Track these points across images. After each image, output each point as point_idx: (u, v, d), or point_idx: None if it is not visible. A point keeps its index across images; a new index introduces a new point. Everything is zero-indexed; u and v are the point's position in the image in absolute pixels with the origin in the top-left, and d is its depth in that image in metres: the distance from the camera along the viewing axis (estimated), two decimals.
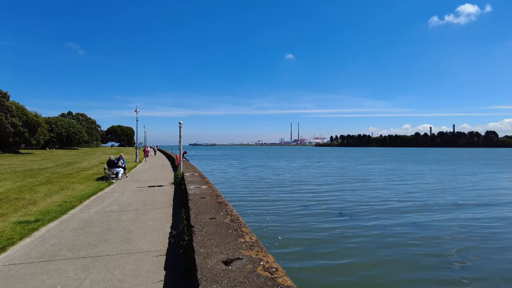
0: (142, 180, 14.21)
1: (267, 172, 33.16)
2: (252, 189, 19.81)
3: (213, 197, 6.20)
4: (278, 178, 26.58)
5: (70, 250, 4.82)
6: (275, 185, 21.91)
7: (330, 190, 19.59)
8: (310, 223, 11.66)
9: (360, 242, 9.66)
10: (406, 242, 9.71)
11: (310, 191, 19.14)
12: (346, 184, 22.84)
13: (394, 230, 10.83)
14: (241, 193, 18.34)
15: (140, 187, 11.91)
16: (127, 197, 9.75)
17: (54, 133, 67.20)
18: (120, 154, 16.01)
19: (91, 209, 7.93)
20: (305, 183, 23.31)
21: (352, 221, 12.02)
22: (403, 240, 9.87)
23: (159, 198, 9.51)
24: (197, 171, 12.60)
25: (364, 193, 18.46)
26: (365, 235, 10.34)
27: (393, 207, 14.48)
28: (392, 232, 10.62)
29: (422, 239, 9.93)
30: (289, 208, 13.92)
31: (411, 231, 10.77)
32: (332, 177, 27.86)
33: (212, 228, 3.87)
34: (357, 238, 10.10)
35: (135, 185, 12.66)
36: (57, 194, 10.18)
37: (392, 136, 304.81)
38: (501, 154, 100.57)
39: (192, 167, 14.85)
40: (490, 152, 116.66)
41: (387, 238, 10.08)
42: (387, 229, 10.95)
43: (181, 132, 12.51)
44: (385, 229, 10.95)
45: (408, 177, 28.01)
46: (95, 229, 6.05)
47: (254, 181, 24.32)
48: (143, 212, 7.50)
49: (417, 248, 9.22)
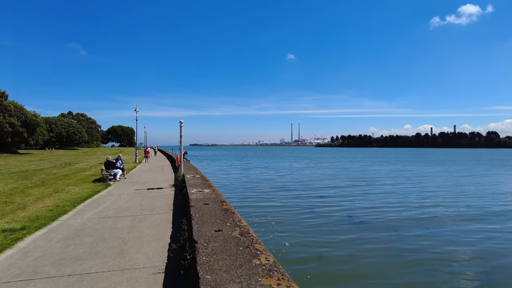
0: (141, 182, 13.61)
1: (270, 173, 32.44)
2: (256, 192, 19.14)
3: (217, 203, 5.59)
4: (282, 180, 25.85)
5: (55, 265, 4.21)
6: (279, 187, 21.21)
7: (336, 193, 18.91)
8: (318, 227, 11.04)
9: (373, 249, 9.04)
10: (421, 249, 9.09)
11: (316, 194, 18.50)
12: (353, 186, 22.08)
13: (408, 237, 10.20)
14: (244, 196, 17.67)
15: (139, 190, 11.30)
16: (124, 200, 9.14)
17: (53, 133, 66.69)
18: (119, 155, 15.41)
19: (84, 215, 7.32)
20: (310, 185, 22.61)
21: (362, 226, 11.39)
22: (418, 247, 9.25)
23: (158, 202, 8.90)
24: (199, 172, 12.00)
25: (373, 196, 17.78)
26: (377, 241, 9.72)
27: (405, 211, 13.82)
28: (406, 239, 9.99)
29: (437, 246, 9.31)
30: (295, 212, 13.30)
31: (425, 236, 10.16)
32: (338, 179, 27.09)
33: (219, 244, 3.26)
34: (369, 244, 9.49)
35: (134, 187, 12.05)
36: (50, 197, 9.58)
37: (393, 137, 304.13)
38: (504, 154, 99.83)
39: (194, 168, 14.24)
40: (493, 153, 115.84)
41: (401, 244, 9.46)
42: (401, 235, 10.31)
43: (181, 132, 11.90)
44: (399, 236, 10.31)
45: (416, 179, 27.28)
46: (87, 238, 5.44)
47: (257, 183, 23.64)
48: (141, 219, 6.88)
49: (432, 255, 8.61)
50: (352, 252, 8.83)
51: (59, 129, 68.14)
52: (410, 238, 10.02)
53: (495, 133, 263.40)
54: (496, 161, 59.98)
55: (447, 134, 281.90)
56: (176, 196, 9.88)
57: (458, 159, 67.95)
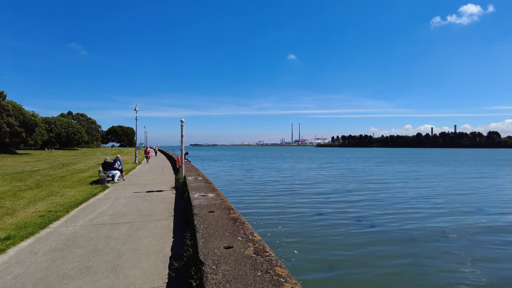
0: (140, 184, 13.02)
1: (274, 174, 31.58)
2: (260, 194, 18.36)
3: (224, 211, 5.00)
4: (286, 182, 24.96)
5: (37, 286, 3.62)
6: (284, 189, 20.45)
7: (344, 195, 18.15)
8: (326, 233, 10.44)
9: (387, 257, 8.44)
10: (439, 257, 8.49)
11: (322, 196, 17.78)
12: (361, 188, 21.26)
13: (424, 243, 9.60)
14: (248, 199, 16.91)
15: (137, 193, 10.71)
16: (122, 205, 8.55)
17: (53, 133, 66.11)
18: (117, 156, 14.83)
19: (77, 221, 6.73)
20: (316, 187, 21.78)
21: (374, 231, 10.79)
22: (436, 255, 8.64)
23: (158, 206, 8.30)
24: (201, 174, 11.41)
25: (382, 199, 17.03)
26: (391, 249, 9.12)
27: (418, 215, 13.09)
28: (422, 246, 9.40)
29: (456, 255, 8.71)
30: (302, 215, 12.70)
31: (442, 243, 9.56)
32: (344, 181, 26.18)
33: (231, 267, 2.66)
34: (382, 252, 8.90)
35: (132, 190, 11.46)
36: (43, 201, 8.99)
37: (393, 137, 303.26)
38: (507, 154, 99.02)
39: (195, 169, 13.65)
40: (496, 153, 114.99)
41: (417, 252, 8.87)
42: (416, 242, 9.71)
43: (182, 131, 11.31)
44: (414, 242, 9.71)
45: (425, 180, 26.46)
46: (77, 250, 4.85)
47: (261, 185, 22.84)
48: (139, 226, 6.29)
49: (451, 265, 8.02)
50: (364, 260, 8.24)
51: (58, 129, 67.55)
52: (426, 245, 9.41)
53: (496, 133, 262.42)
54: (500, 161, 59.25)
55: (448, 134, 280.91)
56: (177, 199, 9.29)
57: (462, 159, 67.08)
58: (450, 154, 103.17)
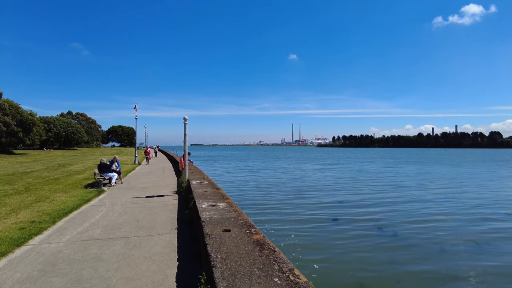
0: (139, 188, 11.95)
1: (280, 177, 29.68)
2: (268, 198, 17.05)
3: (242, 229, 3.93)
4: (294, 184, 23.42)
5: None
6: (293, 193, 19.04)
7: (359, 199, 16.80)
8: (346, 243, 9.38)
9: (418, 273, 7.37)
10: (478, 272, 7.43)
11: (336, 200, 16.52)
12: (376, 192, 19.86)
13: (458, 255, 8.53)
14: (256, 203, 15.73)
15: (136, 198, 9.65)
16: (118, 213, 7.49)
17: (52, 133, 65.14)
18: (114, 156, 13.77)
19: (63, 236, 5.67)
20: (327, 190, 20.34)
21: (398, 240, 9.72)
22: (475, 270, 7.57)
23: (159, 216, 7.24)
24: (206, 177, 10.34)
25: (401, 203, 15.74)
26: (421, 261, 8.06)
27: (444, 222, 11.86)
28: (455, 258, 8.32)
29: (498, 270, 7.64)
30: (316, 222, 11.61)
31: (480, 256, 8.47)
32: (356, 182, 24.67)
33: None
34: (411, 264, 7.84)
35: (130, 194, 10.40)
36: (28, 208, 7.93)
37: (394, 137, 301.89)
38: None
39: (199, 171, 12.58)
40: (500, 153, 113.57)
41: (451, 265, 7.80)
42: (448, 254, 8.63)
43: (186, 130, 10.24)
44: (445, 254, 8.64)
45: (442, 182, 25.04)
46: (56, 280, 3.78)
47: (268, 188, 21.48)
48: (136, 243, 5.23)
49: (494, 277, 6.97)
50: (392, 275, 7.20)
51: (57, 129, 66.56)
52: (461, 257, 8.34)
53: (498, 133, 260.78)
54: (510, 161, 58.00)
55: (449, 134, 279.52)
56: (181, 206, 8.23)
57: (471, 159, 65.25)
58: (455, 154, 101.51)
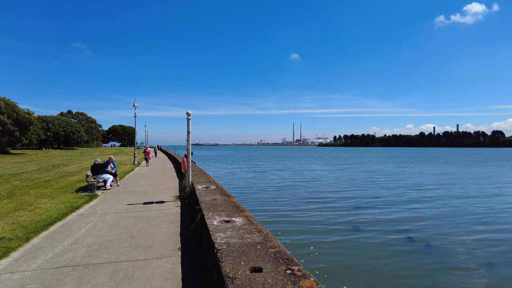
0: (137, 192, 10.69)
1: (289, 178, 27.52)
2: (279, 203, 15.35)
3: (279, 267, 2.64)
4: (307, 187, 21.38)
5: None
6: (307, 197, 17.10)
7: (379, 203, 15.25)
8: (374, 256, 8.11)
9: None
10: None
11: (353, 205, 14.95)
12: (397, 194, 18.19)
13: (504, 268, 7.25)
14: (267, 209, 14.17)
15: (132, 205, 8.38)
16: (109, 226, 6.22)
17: (50, 132, 63.95)
18: (110, 157, 12.50)
19: (35, 260, 4.41)
20: (343, 194, 18.54)
21: (433, 252, 8.44)
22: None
23: (158, 229, 5.97)
24: (212, 180, 9.06)
25: (427, 208, 14.22)
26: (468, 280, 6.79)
27: (485, 232, 10.53)
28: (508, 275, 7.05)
29: None
30: (335, 231, 10.32)
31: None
32: (372, 185, 22.67)
33: None
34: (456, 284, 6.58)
35: (126, 200, 9.14)
36: (2, 219, 6.66)
37: (396, 136, 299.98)
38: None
39: (203, 173, 11.31)
40: (506, 152, 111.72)
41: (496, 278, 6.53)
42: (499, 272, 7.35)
43: (189, 127, 8.95)
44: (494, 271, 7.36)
45: (463, 183, 23.47)
46: None
47: (278, 190, 19.71)
48: (126, 273, 3.96)
49: None
50: None
51: (56, 128, 65.35)
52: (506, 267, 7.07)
53: (500, 132, 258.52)
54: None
55: (451, 133, 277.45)
56: (184, 217, 6.96)
57: (481, 159, 63.04)
58: (461, 153, 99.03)
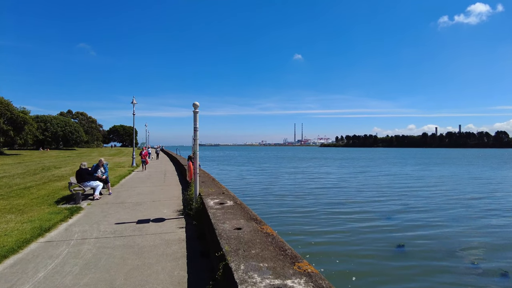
0: (131, 203, 8.66)
1: (305, 183, 23.56)
2: (308, 218, 12.17)
3: None
4: (331, 195, 17.78)
5: None
6: (335, 209, 13.98)
7: (422, 216, 12.45)
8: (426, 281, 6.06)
9: None
10: None
11: (392, 217, 12.40)
12: (437, 203, 15.27)
13: None
14: (290, 221, 11.52)
15: (122, 225, 6.36)
16: (81, 266, 4.20)
17: (48, 132, 62.10)
18: (100, 160, 10.49)
19: None
20: (375, 204, 15.08)
21: None
22: None
23: (154, 274, 3.92)
24: (225, 191, 7.04)
25: (484, 220, 11.83)
26: None
27: None
28: None
29: None
30: (378, 251, 8.27)
31: None
32: (406, 191, 19.41)
33: None
34: None
35: (115, 216, 7.12)
36: None
37: (399, 137, 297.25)
38: None
39: (212, 180, 9.26)
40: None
41: None
42: None
43: (196, 122, 6.96)
44: None
45: (502, 187, 21.16)
46: None
47: (298, 199, 16.11)
48: None
49: None
50: None
51: (54, 128, 63.49)
52: None
53: (504, 132, 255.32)
54: None
55: (454, 134, 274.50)
56: (192, 248, 4.93)
57: (500, 161, 59.66)
58: (472, 155, 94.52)
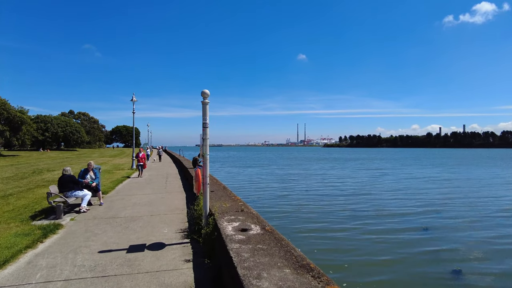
0: (124, 219, 6.98)
1: (323, 189, 20.52)
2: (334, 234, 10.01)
3: None
4: (355, 203, 15.44)
5: None
6: (369, 223, 11.50)
7: (480, 233, 10.30)
8: None
9: None
10: None
11: (443, 236, 10.02)
12: (475, 211, 13.45)
13: None
14: (319, 245, 9.07)
15: (108, 253, 4.68)
16: None
17: (49, 132, 60.81)
18: (89, 163, 8.80)
19: None
20: (415, 216, 12.69)
21: None
22: None
23: None
24: (244, 207, 5.34)
25: None
26: None
27: None
28: None
29: None
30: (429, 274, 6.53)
31: None
32: (443, 198, 16.96)
33: None
34: None
35: (102, 239, 5.45)
36: None
37: (403, 137, 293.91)
38: None
39: (223, 189, 7.56)
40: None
41: None
42: None
43: (206, 117, 5.28)
44: None
45: None
46: None
47: (323, 212, 13.26)
48: None
49: None
50: None
51: (55, 129, 62.20)
52: None
53: (510, 132, 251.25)
54: None
55: (459, 134, 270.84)
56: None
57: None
58: (480, 155, 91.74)
